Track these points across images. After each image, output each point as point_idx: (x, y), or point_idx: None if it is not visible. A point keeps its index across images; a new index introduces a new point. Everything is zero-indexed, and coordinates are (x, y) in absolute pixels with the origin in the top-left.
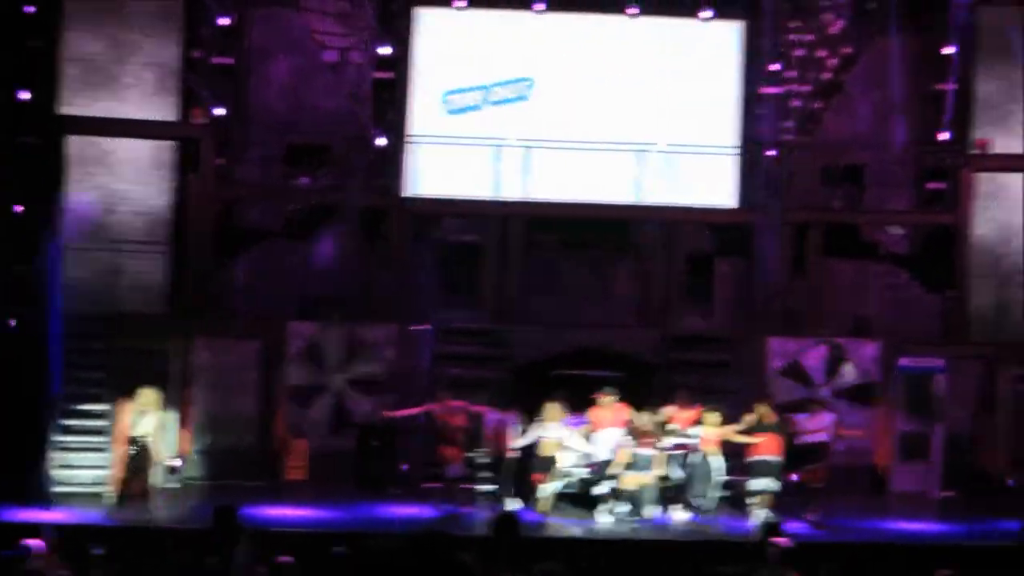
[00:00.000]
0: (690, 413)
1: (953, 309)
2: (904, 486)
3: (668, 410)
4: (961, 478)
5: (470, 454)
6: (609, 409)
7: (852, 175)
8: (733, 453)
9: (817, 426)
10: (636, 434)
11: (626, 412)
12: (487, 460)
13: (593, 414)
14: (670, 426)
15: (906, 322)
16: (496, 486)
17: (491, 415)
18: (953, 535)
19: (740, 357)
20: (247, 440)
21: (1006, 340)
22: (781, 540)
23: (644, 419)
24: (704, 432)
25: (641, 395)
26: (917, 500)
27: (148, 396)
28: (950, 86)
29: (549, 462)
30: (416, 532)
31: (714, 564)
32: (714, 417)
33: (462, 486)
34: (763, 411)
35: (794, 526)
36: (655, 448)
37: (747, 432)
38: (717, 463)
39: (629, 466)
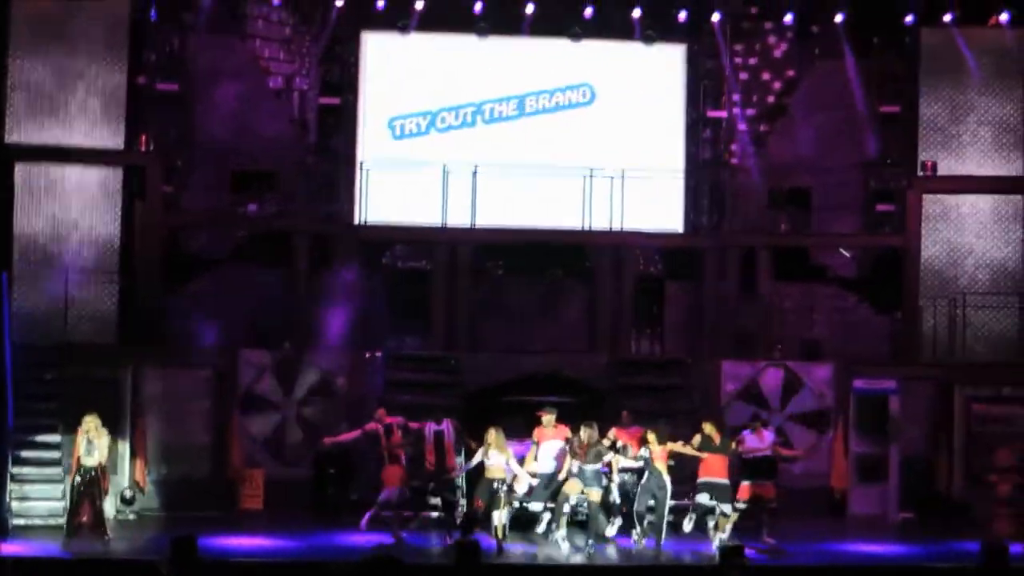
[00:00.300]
0: (632, 433)
1: (903, 331)
2: (862, 508)
3: (611, 432)
4: (918, 499)
5: (416, 483)
6: (550, 428)
7: (798, 198)
8: (685, 477)
9: (759, 444)
10: (575, 450)
11: (567, 432)
12: (435, 485)
13: (537, 432)
14: (618, 443)
15: (856, 344)
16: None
17: (430, 428)
18: (912, 557)
19: (692, 380)
20: (201, 469)
21: (957, 361)
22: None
23: (584, 436)
24: (652, 450)
25: (592, 420)
26: (875, 522)
27: (91, 423)
28: (895, 108)
29: (490, 488)
30: (368, 559)
31: None
32: (657, 435)
33: (404, 512)
34: (709, 431)
35: (751, 551)
36: (592, 463)
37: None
38: (666, 482)
39: (570, 476)
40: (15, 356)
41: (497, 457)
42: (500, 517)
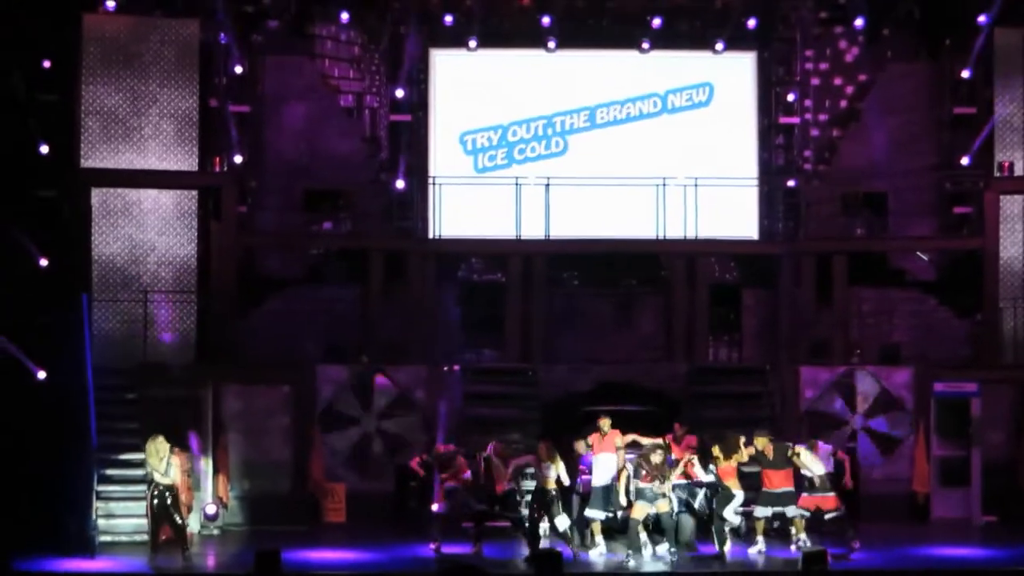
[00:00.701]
0: (688, 444)
1: (983, 333)
2: (945, 512)
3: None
4: (1001, 502)
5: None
6: (608, 436)
7: (873, 202)
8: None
9: (812, 462)
10: (643, 468)
11: (619, 438)
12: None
13: (594, 441)
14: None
15: (936, 348)
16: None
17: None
18: (995, 560)
19: (771, 387)
20: (283, 485)
21: None
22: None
23: (656, 460)
24: (718, 467)
25: (672, 429)
26: (958, 526)
27: (162, 444)
28: (970, 109)
29: (545, 498)
30: (449, 567)
31: None
32: (723, 448)
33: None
34: (762, 445)
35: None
36: (659, 482)
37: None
38: (734, 495)
39: (638, 496)
40: (97, 378)
41: (549, 469)
42: (563, 522)
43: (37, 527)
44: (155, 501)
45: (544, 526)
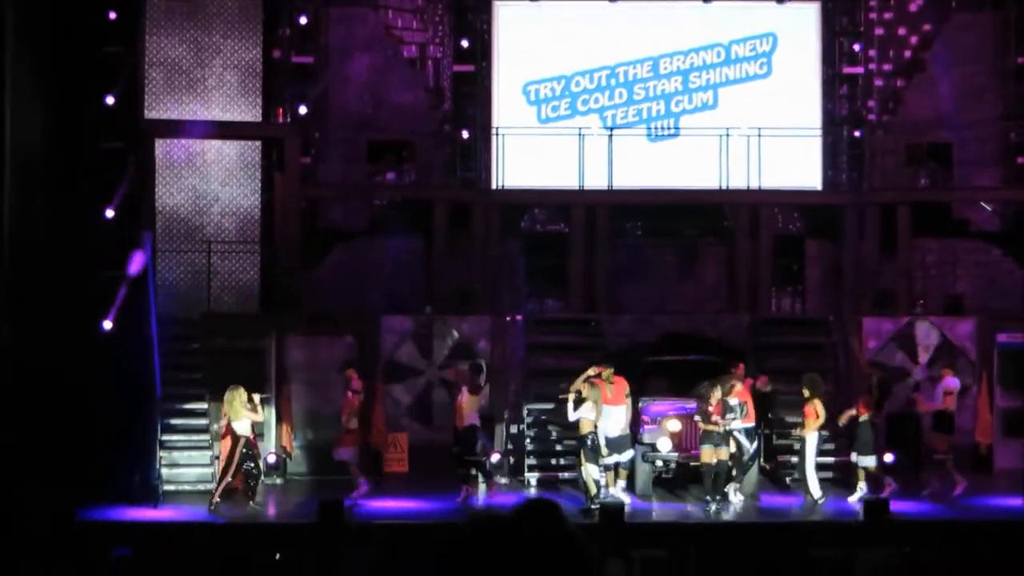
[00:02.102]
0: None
1: None
2: (1007, 463)
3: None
4: None
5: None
6: (615, 384)
7: (938, 153)
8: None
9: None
10: (707, 415)
11: (626, 386)
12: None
13: (603, 392)
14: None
15: (1000, 299)
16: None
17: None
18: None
19: (834, 338)
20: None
21: None
22: None
23: (718, 394)
24: (809, 405)
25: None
26: (1021, 476)
27: (239, 394)
28: None
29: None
30: (525, 502)
31: (816, 547)
32: (807, 389)
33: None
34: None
35: (899, 504)
36: (721, 426)
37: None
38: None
39: (703, 441)
40: (161, 328)
41: (591, 410)
42: (591, 471)
43: (101, 477)
44: (236, 449)
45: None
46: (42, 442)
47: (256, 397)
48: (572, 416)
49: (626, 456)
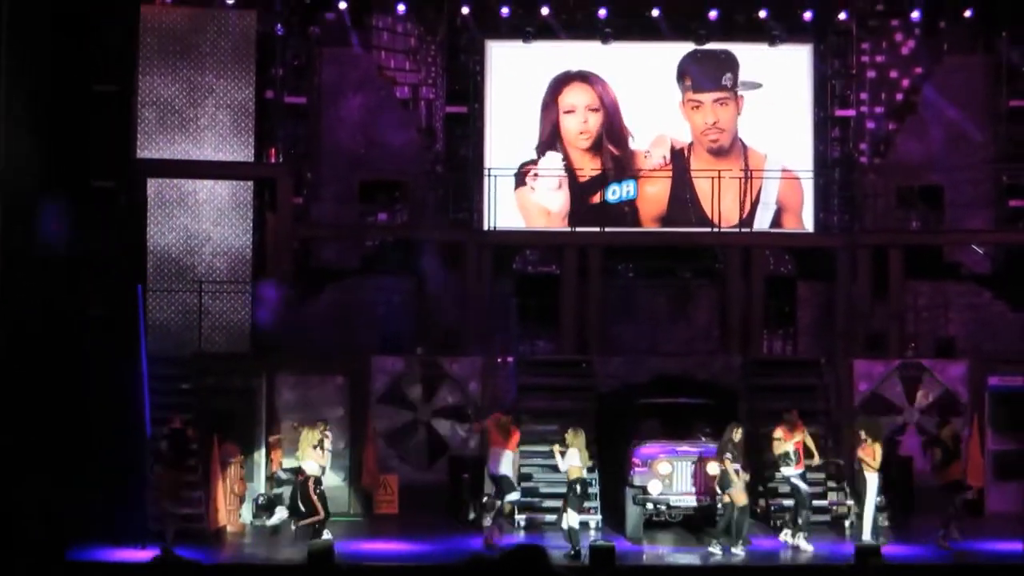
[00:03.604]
0: (796, 435)
1: None
2: (999, 506)
3: (777, 432)
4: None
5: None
6: (512, 433)
7: (929, 196)
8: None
9: None
10: (735, 453)
11: (518, 437)
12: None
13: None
14: (783, 447)
15: (990, 341)
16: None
17: None
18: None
19: (826, 380)
20: (337, 475)
21: None
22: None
23: (738, 437)
24: (868, 448)
25: (727, 421)
26: (1013, 520)
27: (310, 433)
28: None
29: (571, 489)
30: (514, 551)
31: None
32: (865, 432)
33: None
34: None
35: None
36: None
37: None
38: (868, 481)
39: (734, 483)
40: (151, 368)
41: (577, 457)
42: (571, 520)
43: (91, 517)
44: (306, 488)
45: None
46: (30, 482)
47: (327, 442)
48: (563, 467)
49: (513, 496)
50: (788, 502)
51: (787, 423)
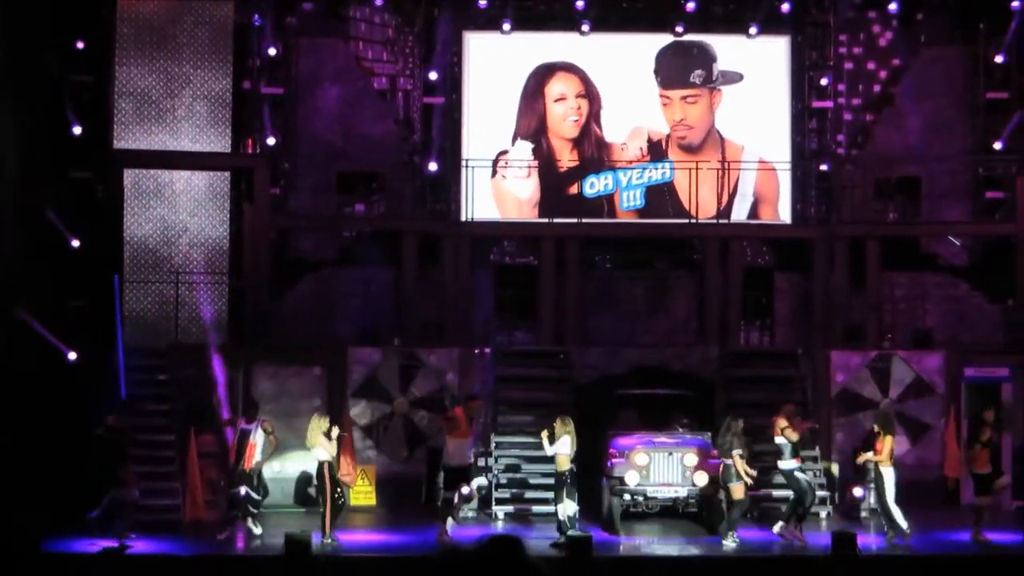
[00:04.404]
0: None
1: (1015, 318)
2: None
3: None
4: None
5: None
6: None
7: (907, 187)
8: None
9: None
10: (739, 443)
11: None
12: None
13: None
14: (791, 435)
15: (968, 333)
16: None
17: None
18: (993, 545)
19: (803, 371)
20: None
21: None
22: None
23: (737, 425)
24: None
25: (704, 412)
26: (989, 511)
27: (318, 422)
28: (1003, 94)
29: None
30: (489, 538)
31: None
32: (879, 426)
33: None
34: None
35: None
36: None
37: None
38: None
39: (736, 477)
40: (128, 359)
41: (567, 446)
42: (568, 508)
43: (66, 509)
44: (322, 476)
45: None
46: (6, 473)
47: (335, 431)
48: (550, 451)
49: (483, 481)
50: (779, 493)
51: (786, 414)
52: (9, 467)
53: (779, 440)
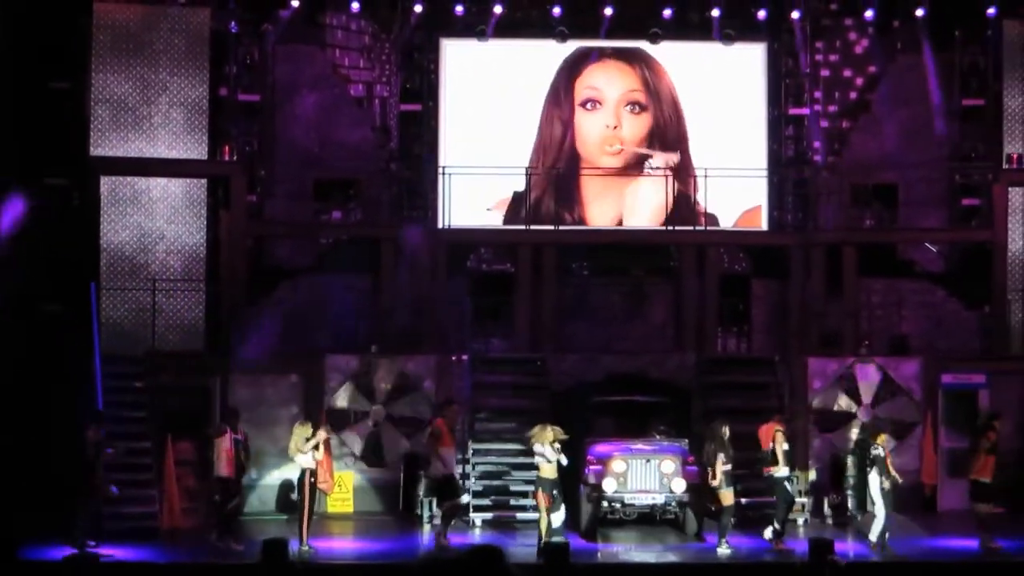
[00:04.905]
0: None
1: (991, 325)
2: (952, 504)
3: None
4: (1009, 494)
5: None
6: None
7: (883, 194)
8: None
9: None
10: (724, 451)
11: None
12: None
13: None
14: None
15: (945, 339)
16: None
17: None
18: (1003, 552)
19: (780, 378)
20: (292, 473)
21: None
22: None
23: (725, 431)
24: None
25: (681, 419)
26: (965, 517)
27: (300, 428)
28: (979, 101)
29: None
30: (470, 548)
31: None
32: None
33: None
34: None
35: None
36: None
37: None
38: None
39: (726, 483)
40: (104, 366)
41: (552, 453)
42: (558, 519)
43: (44, 515)
44: (303, 484)
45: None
46: None
47: (321, 435)
48: (564, 460)
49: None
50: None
51: (779, 421)
52: None
53: (771, 448)
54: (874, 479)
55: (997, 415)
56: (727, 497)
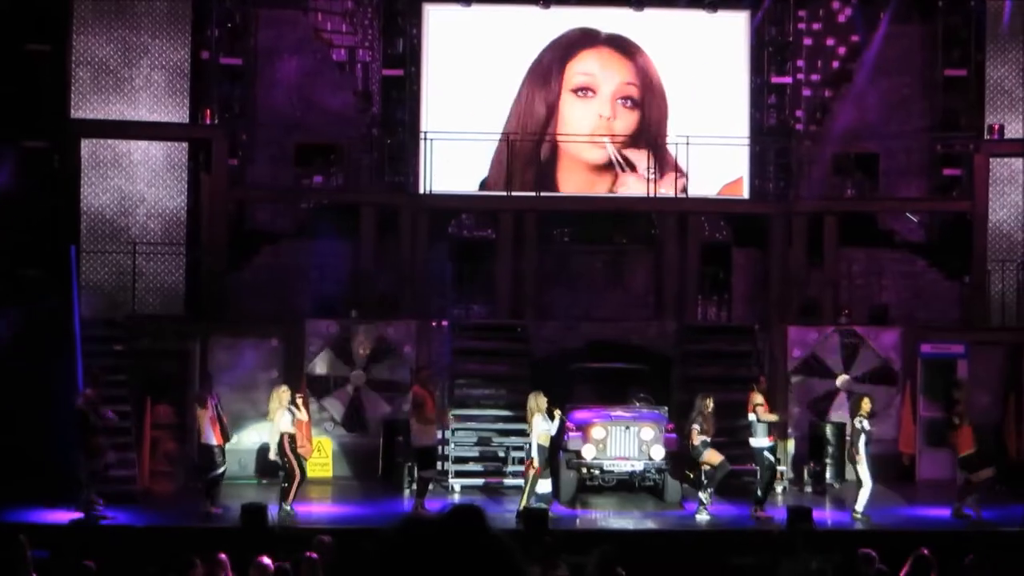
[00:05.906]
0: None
1: (971, 295)
2: (930, 473)
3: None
4: (987, 464)
5: None
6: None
7: (865, 163)
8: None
9: None
10: (706, 423)
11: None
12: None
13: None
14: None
15: (925, 309)
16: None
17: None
18: (981, 521)
19: (760, 346)
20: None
21: None
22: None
23: (711, 406)
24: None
25: (661, 386)
26: (943, 487)
27: (277, 393)
28: (961, 72)
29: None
30: (451, 508)
31: (738, 554)
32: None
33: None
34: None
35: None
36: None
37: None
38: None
39: (707, 445)
40: (84, 329)
41: (543, 421)
42: (545, 486)
43: (25, 479)
44: (282, 448)
45: None
46: None
47: (299, 399)
48: (554, 428)
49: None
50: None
51: (761, 391)
52: None
53: (752, 417)
54: (861, 450)
55: (956, 383)
56: (714, 456)
